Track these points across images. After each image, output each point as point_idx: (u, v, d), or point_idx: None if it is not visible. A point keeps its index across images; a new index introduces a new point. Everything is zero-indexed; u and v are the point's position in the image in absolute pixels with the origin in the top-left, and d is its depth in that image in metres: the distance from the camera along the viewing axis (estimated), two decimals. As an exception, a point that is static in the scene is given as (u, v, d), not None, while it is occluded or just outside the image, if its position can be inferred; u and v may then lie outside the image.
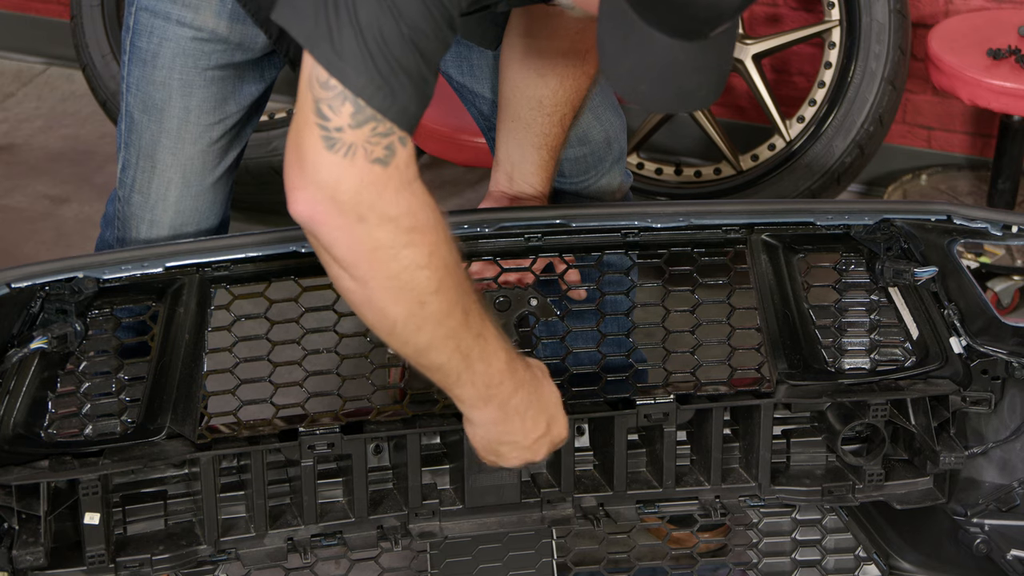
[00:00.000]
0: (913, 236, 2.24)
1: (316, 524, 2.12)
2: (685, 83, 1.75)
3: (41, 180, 4.26)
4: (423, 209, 1.78)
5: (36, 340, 2.03)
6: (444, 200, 4.11)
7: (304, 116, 1.73)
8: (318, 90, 1.72)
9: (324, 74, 1.72)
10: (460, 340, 1.85)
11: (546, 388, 2.00)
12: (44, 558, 1.97)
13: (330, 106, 1.72)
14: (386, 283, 1.78)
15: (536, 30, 2.30)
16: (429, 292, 1.80)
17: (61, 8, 4.79)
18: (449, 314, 1.82)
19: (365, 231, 1.74)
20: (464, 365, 1.87)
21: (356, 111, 1.72)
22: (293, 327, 2.20)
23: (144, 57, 2.30)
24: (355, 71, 1.71)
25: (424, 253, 1.78)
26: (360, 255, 1.76)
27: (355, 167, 1.73)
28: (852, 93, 3.70)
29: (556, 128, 2.37)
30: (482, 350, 1.88)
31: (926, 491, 2.23)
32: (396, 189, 1.75)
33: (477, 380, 1.90)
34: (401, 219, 1.75)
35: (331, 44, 1.71)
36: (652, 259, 2.28)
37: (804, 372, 2.15)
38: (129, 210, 2.39)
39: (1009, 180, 3.75)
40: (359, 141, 1.72)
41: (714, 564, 2.39)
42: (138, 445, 1.99)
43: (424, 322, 1.82)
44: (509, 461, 2.01)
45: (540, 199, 2.41)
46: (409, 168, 1.76)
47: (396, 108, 1.73)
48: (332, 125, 1.72)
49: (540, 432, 1.99)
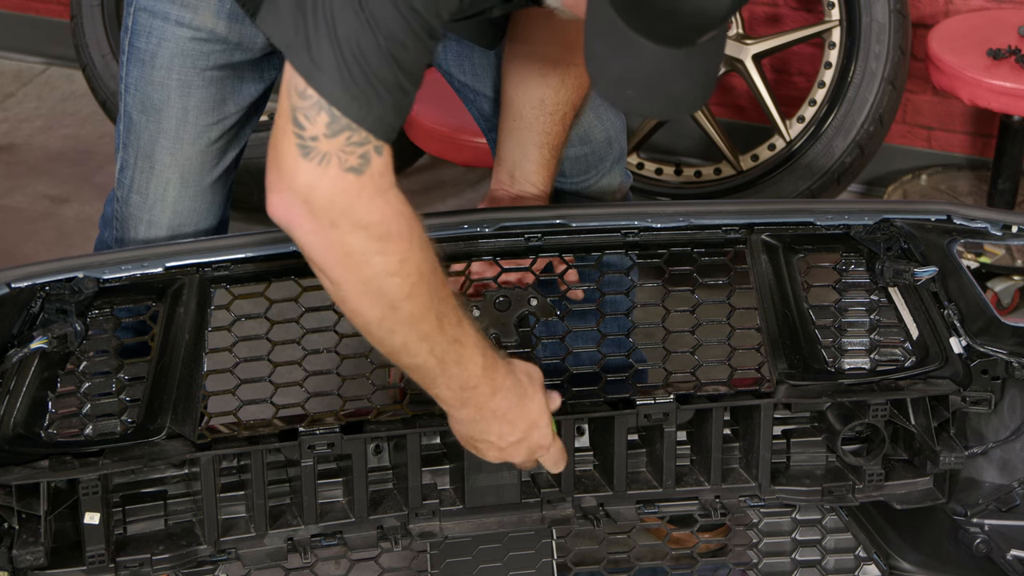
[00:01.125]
0: (913, 236, 2.24)
1: (316, 524, 2.12)
2: (673, 89, 1.76)
3: (41, 180, 4.26)
4: (396, 218, 1.81)
5: (36, 340, 2.03)
6: (444, 200, 4.11)
7: (282, 123, 1.77)
8: (296, 99, 1.76)
9: (302, 83, 1.75)
10: (434, 344, 1.89)
11: (530, 395, 2.01)
12: (44, 558, 1.97)
13: (306, 115, 1.75)
14: (359, 287, 1.83)
15: (536, 31, 2.31)
16: (401, 298, 1.84)
17: (61, 8, 4.78)
18: (422, 319, 1.86)
19: (337, 237, 1.79)
20: (439, 369, 1.91)
21: (331, 121, 1.75)
22: (293, 327, 2.20)
23: (143, 57, 2.30)
24: (331, 81, 1.74)
25: (395, 261, 1.81)
26: (333, 259, 1.81)
27: (328, 175, 1.76)
28: (852, 93, 3.70)
29: (558, 127, 2.37)
30: (458, 355, 1.91)
31: (926, 491, 2.23)
32: (369, 197, 1.78)
33: (452, 383, 1.93)
34: (373, 227, 1.79)
35: (309, 53, 1.74)
36: (652, 259, 2.28)
37: (804, 372, 2.15)
38: (127, 210, 2.39)
39: (1009, 180, 3.75)
40: (333, 150, 1.76)
41: (714, 564, 2.39)
42: (138, 445, 1.99)
43: (397, 325, 1.86)
44: (488, 457, 2.04)
45: (542, 197, 2.41)
46: (384, 177, 1.80)
47: (372, 118, 1.76)
48: (307, 134, 1.75)
49: (517, 437, 2.01)
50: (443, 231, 2.20)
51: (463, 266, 2.24)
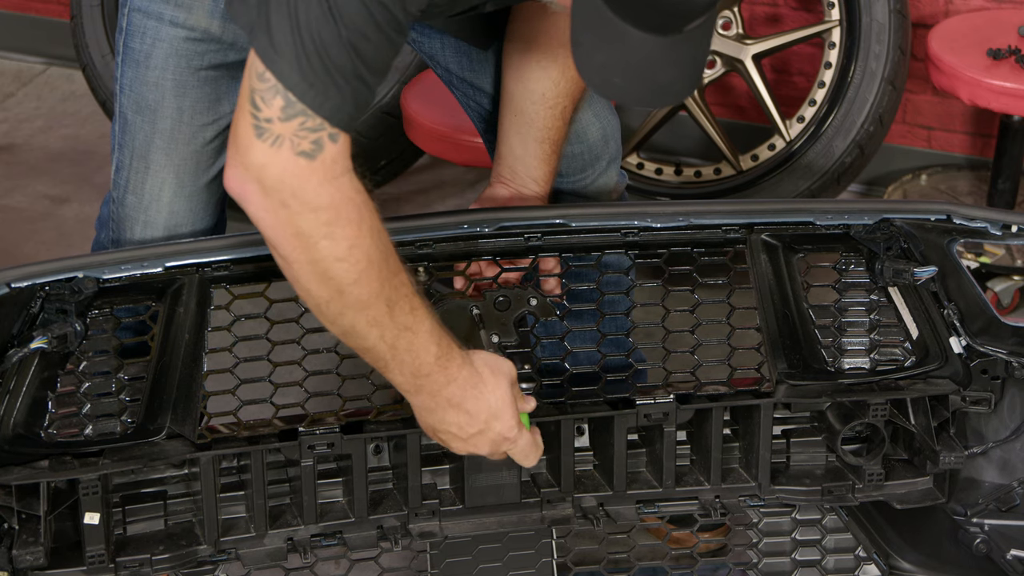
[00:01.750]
0: (913, 236, 2.24)
1: (316, 524, 2.12)
2: (660, 77, 1.76)
3: (41, 180, 4.26)
4: (346, 204, 1.84)
5: (36, 340, 2.03)
6: (444, 200, 4.11)
7: (242, 101, 1.81)
8: (255, 80, 1.79)
9: (261, 66, 1.78)
10: (384, 330, 1.91)
11: (490, 387, 2.01)
12: (44, 558, 1.97)
13: (263, 98, 1.79)
14: (307, 267, 1.86)
15: (535, 24, 2.31)
16: (348, 283, 1.86)
17: (61, 8, 4.78)
18: (370, 305, 1.89)
19: (287, 216, 1.82)
20: (390, 354, 1.94)
21: (286, 105, 1.78)
22: (293, 327, 2.20)
23: (137, 58, 2.30)
24: (288, 67, 1.77)
25: (343, 247, 1.84)
26: (283, 237, 1.84)
27: (280, 157, 1.80)
28: (852, 93, 3.70)
29: (558, 121, 2.37)
30: (409, 343, 1.93)
31: (926, 491, 2.23)
32: (319, 183, 1.81)
33: (404, 369, 1.95)
34: (322, 211, 1.82)
35: (269, 37, 1.77)
36: (652, 259, 2.28)
37: (804, 372, 2.15)
38: (123, 211, 2.39)
39: (1009, 180, 3.75)
40: (287, 133, 1.79)
41: (714, 564, 2.39)
42: (138, 445, 1.99)
43: (345, 308, 1.89)
44: (454, 448, 2.05)
45: (542, 194, 2.41)
46: (336, 163, 1.82)
47: (328, 106, 1.79)
48: (263, 116, 1.79)
49: (477, 428, 2.01)
50: (443, 231, 2.20)
51: (463, 266, 2.24)
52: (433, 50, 2.49)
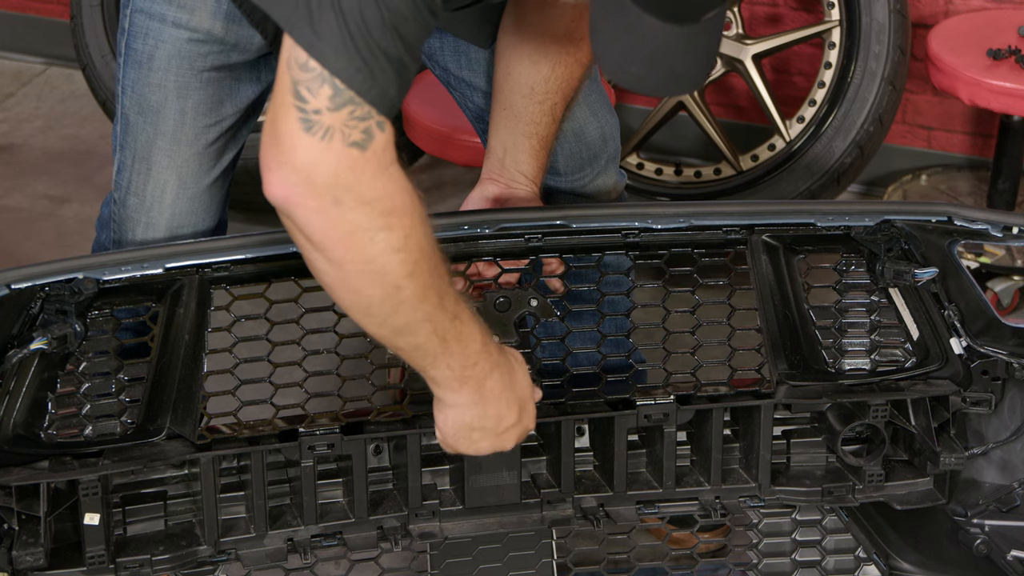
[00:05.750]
0: (913, 237, 2.24)
1: (316, 524, 2.12)
2: (676, 66, 1.76)
3: (41, 180, 4.26)
4: (400, 193, 1.79)
5: (36, 341, 2.03)
6: (444, 200, 4.11)
7: (282, 97, 1.73)
8: (297, 71, 1.72)
9: (303, 55, 1.71)
10: (436, 322, 1.87)
11: (519, 374, 2.01)
12: (44, 559, 1.97)
13: (308, 88, 1.72)
14: (362, 266, 1.79)
15: (531, 16, 2.31)
16: (404, 275, 1.81)
17: (61, 8, 4.79)
18: (424, 297, 1.84)
19: (340, 214, 1.75)
20: (441, 347, 1.90)
21: (335, 93, 1.72)
22: (293, 328, 2.20)
23: (140, 59, 2.30)
24: (335, 53, 1.71)
25: (400, 236, 1.79)
26: (335, 238, 1.77)
27: (332, 150, 1.73)
28: (852, 93, 3.70)
29: (547, 117, 2.36)
30: (458, 332, 1.90)
31: (926, 492, 2.23)
32: (373, 173, 1.76)
33: (453, 361, 1.92)
34: (377, 203, 1.76)
35: (311, 26, 1.71)
36: (652, 260, 2.28)
37: (804, 373, 2.15)
38: (125, 212, 2.39)
39: (1009, 180, 3.76)
40: (337, 124, 1.72)
41: (714, 564, 2.39)
42: (138, 446, 1.99)
43: (400, 304, 1.83)
44: (479, 449, 2.02)
45: (531, 186, 2.41)
46: (387, 152, 1.77)
47: (375, 91, 1.73)
48: (310, 107, 1.72)
49: (512, 419, 2.01)
50: (443, 231, 2.20)
51: (463, 266, 2.24)
52: (432, 49, 2.49)
